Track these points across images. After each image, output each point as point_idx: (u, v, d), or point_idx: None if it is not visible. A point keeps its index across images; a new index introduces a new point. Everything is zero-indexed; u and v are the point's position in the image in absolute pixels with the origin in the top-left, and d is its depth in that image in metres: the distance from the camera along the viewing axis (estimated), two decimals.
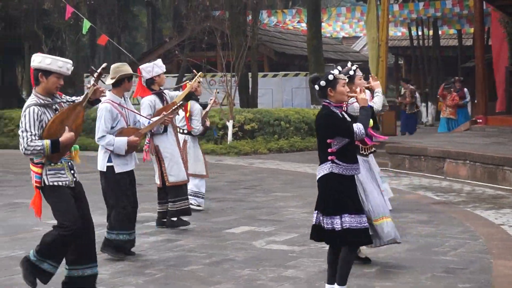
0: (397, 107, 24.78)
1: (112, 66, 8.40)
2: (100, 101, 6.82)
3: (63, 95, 6.60)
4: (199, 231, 9.58)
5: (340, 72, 6.34)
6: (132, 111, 8.34)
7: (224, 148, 21.27)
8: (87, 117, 17.65)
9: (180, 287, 6.85)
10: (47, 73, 6.35)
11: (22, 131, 6.21)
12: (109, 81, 8.25)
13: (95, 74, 6.69)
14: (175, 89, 10.36)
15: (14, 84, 42.05)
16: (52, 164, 6.34)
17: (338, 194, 6.16)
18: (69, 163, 6.47)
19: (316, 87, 6.24)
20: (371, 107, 6.53)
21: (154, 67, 9.74)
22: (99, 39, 21.90)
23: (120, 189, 8.06)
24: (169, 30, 42.49)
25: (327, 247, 8.09)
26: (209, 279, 7.09)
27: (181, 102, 9.40)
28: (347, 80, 6.41)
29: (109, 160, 8.08)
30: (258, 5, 27.88)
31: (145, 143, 9.62)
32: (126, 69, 8.32)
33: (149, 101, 9.60)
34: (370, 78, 7.78)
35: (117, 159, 8.05)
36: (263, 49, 31.42)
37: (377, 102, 7.60)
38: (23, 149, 6.19)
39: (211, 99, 11.30)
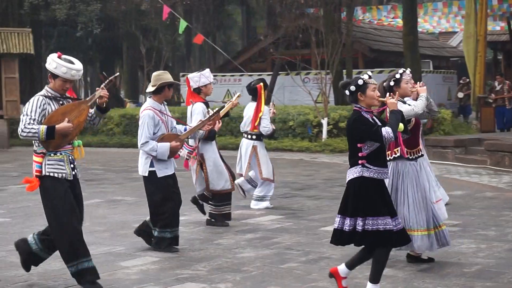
0: (491, 103, 24.07)
1: (153, 74, 8.69)
2: (107, 111, 7.02)
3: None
4: (295, 229, 9.61)
5: (370, 77, 6.32)
6: (171, 117, 8.59)
7: (318, 146, 21.27)
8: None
9: (277, 284, 6.89)
10: (54, 75, 6.68)
11: (23, 115, 6.59)
12: (150, 88, 8.53)
13: (107, 81, 7.02)
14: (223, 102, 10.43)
15: (112, 84, 43.05)
16: (52, 155, 6.63)
17: (367, 197, 6.14)
18: (70, 157, 6.73)
19: (347, 92, 6.29)
20: (400, 111, 6.42)
21: (201, 77, 10.01)
22: (195, 38, 22.25)
23: (164, 191, 8.33)
24: (264, 28, 42.67)
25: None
26: (306, 277, 7.11)
27: (217, 109, 9.52)
28: (377, 85, 6.39)
29: (151, 165, 8.34)
30: (353, 1, 27.71)
31: (187, 151, 9.73)
32: (167, 77, 8.56)
33: (202, 108, 9.86)
34: (418, 83, 7.72)
35: (159, 164, 8.31)
36: (357, 46, 31.19)
37: (418, 105, 7.48)
38: (20, 131, 6.54)
39: (229, 101, 11.44)
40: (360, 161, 6.18)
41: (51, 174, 6.65)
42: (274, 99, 26.78)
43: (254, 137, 11.29)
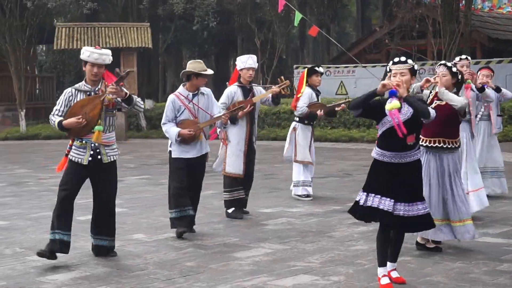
0: None
1: (188, 62, 9.11)
2: (131, 101, 7.65)
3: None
4: None
5: (394, 63, 6.51)
6: (199, 107, 8.95)
7: None
8: None
9: None
10: (84, 62, 7.59)
11: (56, 104, 7.69)
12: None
13: (118, 77, 7.53)
14: (265, 89, 10.41)
15: (227, 76, 43.57)
16: (76, 141, 7.58)
17: (371, 175, 6.53)
18: (93, 144, 7.54)
19: None
20: (374, 92, 6.41)
21: (238, 61, 10.22)
22: (310, 31, 22.16)
23: (174, 171, 8.89)
24: (379, 18, 42.22)
25: None
26: (420, 271, 7.00)
27: (241, 105, 9.77)
28: (400, 70, 6.47)
29: (170, 145, 8.99)
30: None
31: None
32: (194, 66, 8.93)
33: (229, 91, 10.13)
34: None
35: (175, 146, 8.89)
36: (476, 35, 30.39)
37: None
38: (50, 119, 7.71)
39: (340, 103, 11.96)
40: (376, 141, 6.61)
41: (71, 158, 7.61)
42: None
43: (296, 119, 11.70)
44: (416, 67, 6.60)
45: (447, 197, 7.69)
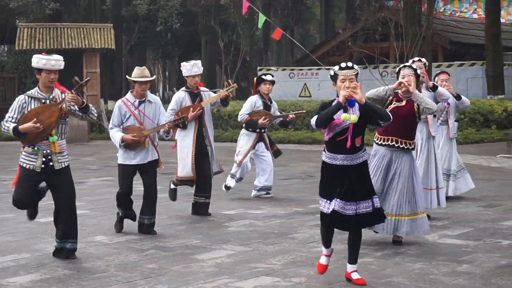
0: None
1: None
2: (87, 109, 7.67)
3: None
4: None
5: (340, 68, 6.58)
6: (144, 114, 8.98)
7: None
8: None
9: None
10: (39, 70, 7.50)
11: (7, 112, 7.56)
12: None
13: (77, 86, 7.56)
14: (214, 92, 10.53)
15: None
16: (27, 148, 7.54)
17: (321, 178, 6.68)
18: (45, 151, 7.53)
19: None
20: (338, 104, 6.50)
21: (183, 68, 10.31)
22: (274, 34, 22.28)
23: (119, 177, 9.06)
24: (342, 21, 42.46)
25: (504, 242, 7.92)
26: (381, 272, 7.05)
27: (184, 116, 9.85)
28: (348, 75, 6.54)
29: (118, 151, 9.10)
30: None
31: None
32: (134, 72, 9.05)
33: (177, 97, 10.29)
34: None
35: (121, 152, 9.01)
36: (438, 39, 30.71)
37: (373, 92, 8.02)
38: (1, 125, 7.64)
39: (288, 114, 12.29)
40: (323, 145, 6.72)
41: (22, 164, 7.59)
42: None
43: (243, 125, 12.00)
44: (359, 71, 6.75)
45: (398, 191, 7.91)
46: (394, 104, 7.92)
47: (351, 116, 6.37)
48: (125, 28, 38.37)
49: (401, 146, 7.94)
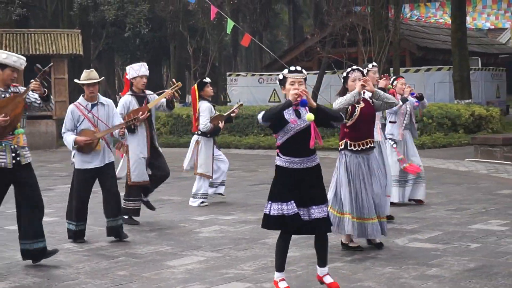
0: None
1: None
2: (48, 98, 7.65)
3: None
4: None
5: (290, 71, 6.57)
6: (97, 118, 8.94)
7: None
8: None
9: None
10: (3, 66, 7.34)
11: None
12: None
13: (40, 73, 7.54)
14: (159, 95, 10.55)
15: (159, 83, 43.39)
16: None
17: (274, 183, 6.58)
18: (12, 147, 7.39)
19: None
20: (288, 102, 6.48)
21: (130, 70, 10.28)
22: (243, 40, 22.25)
23: (77, 183, 8.93)
24: (311, 27, 42.62)
25: (472, 245, 8.00)
26: (352, 276, 7.08)
27: (136, 117, 9.78)
28: (296, 79, 6.53)
29: (73, 156, 9.13)
30: None
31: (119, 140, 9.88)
32: (84, 76, 9.04)
33: (124, 101, 10.22)
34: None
35: (78, 156, 8.96)
36: (405, 44, 30.95)
37: (341, 98, 7.92)
38: None
39: (234, 110, 12.14)
40: (276, 151, 6.63)
41: None
42: (320, 97, 26.73)
43: (199, 132, 11.82)
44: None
45: (374, 194, 7.99)
46: (358, 106, 8.02)
47: (309, 114, 6.36)
48: (93, 34, 38.19)
49: (372, 146, 8.08)
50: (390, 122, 10.86)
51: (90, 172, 8.91)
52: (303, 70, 6.67)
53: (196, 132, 11.86)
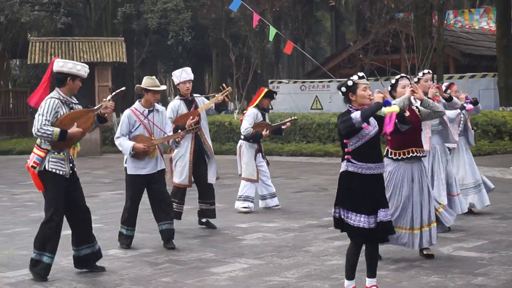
0: None
1: (144, 79, 9.25)
2: (106, 121, 7.78)
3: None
4: None
5: (360, 77, 6.59)
6: (154, 124, 9.03)
7: None
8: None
9: None
10: (74, 77, 7.42)
11: (39, 115, 7.27)
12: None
13: (113, 93, 7.72)
14: (208, 98, 10.56)
15: (202, 91, 43.57)
16: (55, 153, 7.35)
17: (347, 190, 6.47)
18: (70, 157, 7.49)
19: (340, 94, 6.61)
20: (379, 103, 6.47)
21: (174, 76, 10.38)
22: (285, 48, 22.25)
23: (129, 188, 9.03)
24: (353, 33, 42.46)
25: None
26: (396, 284, 7.02)
27: (197, 126, 9.85)
28: (369, 84, 6.62)
29: (126, 162, 9.11)
30: (445, 5, 27.26)
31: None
32: (146, 82, 9.09)
33: (173, 105, 10.28)
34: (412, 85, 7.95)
35: (131, 162, 8.98)
36: (449, 50, 30.68)
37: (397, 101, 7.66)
38: (36, 130, 7.21)
39: (286, 122, 12.18)
40: (346, 156, 6.52)
41: (53, 170, 7.35)
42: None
43: (242, 137, 11.94)
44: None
45: (418, 203, 7.90)
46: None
47: (393, 107, 6.49)
48: (136, 42, 38.53)
49: (418, 155, 7.97)
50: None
51: (143, 178, 8.98)
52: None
53: (241, 137, 12.01)
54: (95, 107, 7.59)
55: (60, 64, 7.48)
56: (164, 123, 9.18)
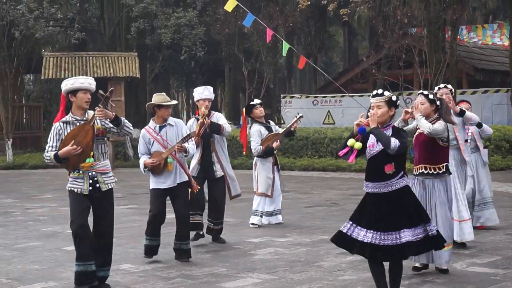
0: None
1: (153, 96, 9.37)
2: (119, 122, 7.66)
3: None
4: None
5: (372, 96, 6.75)
6: (164, 140, 9.11)
7: None
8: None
9: None
10: (74, 92, 7.47)
11: (47, 142, 7.55)
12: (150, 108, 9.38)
13: (102, 99, 7.55)
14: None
15: (214, 106, 43.60)
16: (73, 173, 7.50)
17: (358, 206, 6.75)
18: (90, 173, 7.51)
19: (396, 106, 6.81)
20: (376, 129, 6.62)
21: (195, 92, 10.50)
22: (299, 63, 22.22)
23: (152, 201, 9.16)
24: (366, 49, 42.48)
25: None
26: None
27: (190, 133, 9.66)
28: (373, 103, 6.74)
29: (150, 178, 9.25)
30: (458, 20, 27.23)
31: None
32: (156, 99, 9.20)
33: (189, 125, 10.43)
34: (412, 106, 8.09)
35: (152, 177, 9.18)
36: (462, 66, 30.61)
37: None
38: (43, 157, 7.53)
39: (293, 123, 12.06)
40: (403, 171, 6.67)
41: (70, 189, 7.55)
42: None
43: (255, 154, 11.98)
44: (394, 98, 6.75)
45: (438, 220, 7.87)
46: (418, 131, 8.09)
47: (356, 143, 6.67)
48: (149, 57, 38.64)
49: (430, 172, 7.94)
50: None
51: (163, 191, 9.07)
52: (385, 92, 6.77)
53: (254, 155, 11.98)
54: (89, 119, 7.52)
55: (64, 84, 7.57)
56: (181, 135, 9.20)
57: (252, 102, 12.03)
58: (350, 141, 6.63)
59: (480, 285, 7.49)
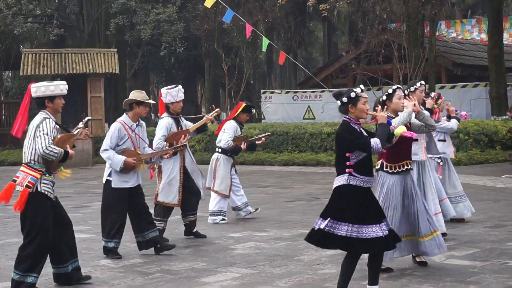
0: None
1: (131, 92, 9.26)
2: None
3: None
4: None
5: (362, 90, 6.61)
6: (141, 138, 9.14)
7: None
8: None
9: None
10: (51, 98, 7.38)
11: (44, 133, 7.15)
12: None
13: (84, 122, 7.61)
14: (193, 119, 10.61)
15: (194, 101, 43.58)
16: (47, 175, 7.24)
17: (351, 204, 6.44)
18: (54, 180, 7.37)
19: (338, 102, 6.61)
20: (387, 125, 6.67)
21: (167, 95, 10.19)
22: (279, 59, 22.31)
23: (114, 202, 8.99)
24: (345, 44, 42.58)
25: (511, 263, 7.85)
26: None
27: (184, 144, 9.88)
28: (367, 98, 6.65)
29: (109, 175, 9.07)
30: (437, 16, 27.37)
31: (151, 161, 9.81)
32: (136, 95, 9.09)
33: (166, 123, 10.16)
34: (406, 97, 7.94)
35: (116, 175, 8.98)
36: (441, 61, 30.79)
37: (396, 120, 7.51)
38: (44, 148, 7.07)
39: (261, 137, 12.24)
40: (347, 170, 6.48)
41: (45, 193, 7.23)
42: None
43: (219, 150, 11.89)
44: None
45: (413, 214, 7.83)
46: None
47: (402, 128, 6.77)
48: (128, 53, 38.55)
49: (409, 168, 7.92)
50: (439, 140, 10.77)
51: (126, 191, 9.02)
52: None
53: (217, 150, 11.93)
54: (75, 133, 7.51)
55: (34, 90, 7.40)
56: (144, 137, 9.27)
57: (251, 107, 12.12)
58: (400, 130, 6.64)
59: (458, 278, 7.53)
